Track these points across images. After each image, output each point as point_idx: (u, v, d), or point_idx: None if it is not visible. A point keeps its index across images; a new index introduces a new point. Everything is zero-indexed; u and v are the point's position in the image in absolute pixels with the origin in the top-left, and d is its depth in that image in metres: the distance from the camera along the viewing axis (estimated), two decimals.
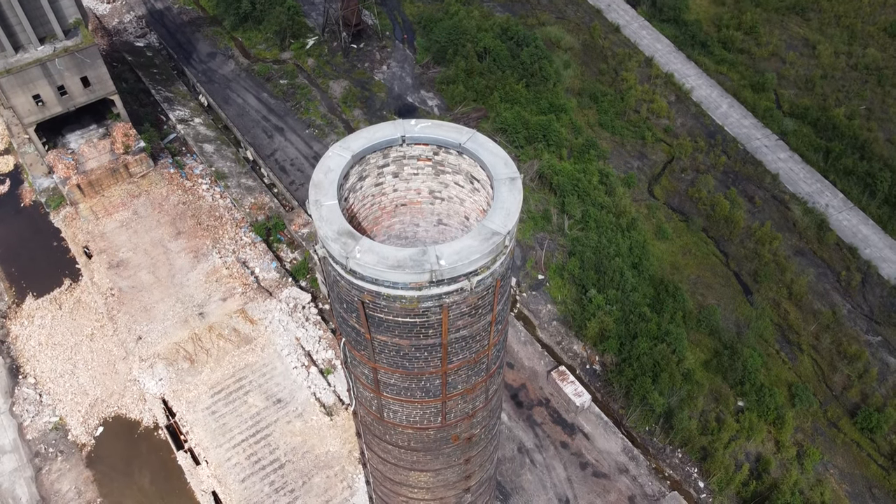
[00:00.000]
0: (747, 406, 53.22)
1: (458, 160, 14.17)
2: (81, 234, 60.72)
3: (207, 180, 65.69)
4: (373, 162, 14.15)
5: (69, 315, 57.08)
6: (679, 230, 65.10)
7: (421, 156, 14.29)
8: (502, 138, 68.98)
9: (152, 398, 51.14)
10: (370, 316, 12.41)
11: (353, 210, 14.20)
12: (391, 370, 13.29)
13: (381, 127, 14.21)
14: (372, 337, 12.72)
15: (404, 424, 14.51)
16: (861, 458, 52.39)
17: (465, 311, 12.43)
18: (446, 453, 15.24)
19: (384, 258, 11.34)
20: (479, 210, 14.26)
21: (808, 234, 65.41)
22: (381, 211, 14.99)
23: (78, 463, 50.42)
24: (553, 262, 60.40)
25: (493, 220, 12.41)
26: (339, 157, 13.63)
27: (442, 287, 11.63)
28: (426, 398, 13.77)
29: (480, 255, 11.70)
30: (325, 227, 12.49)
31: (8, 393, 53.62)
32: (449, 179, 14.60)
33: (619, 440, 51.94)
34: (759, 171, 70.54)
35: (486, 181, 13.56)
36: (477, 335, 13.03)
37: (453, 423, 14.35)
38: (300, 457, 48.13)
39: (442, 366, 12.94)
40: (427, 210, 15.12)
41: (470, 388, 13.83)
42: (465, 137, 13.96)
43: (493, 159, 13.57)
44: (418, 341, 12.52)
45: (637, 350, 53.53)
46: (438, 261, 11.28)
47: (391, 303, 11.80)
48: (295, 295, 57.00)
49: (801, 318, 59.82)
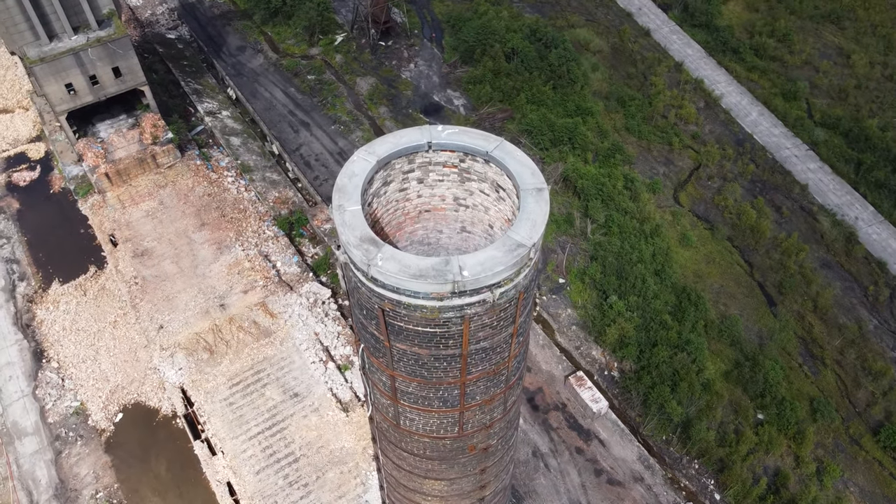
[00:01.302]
0: (767, 419, 52.46)
1: (485, 168, 14.01)
2: (108, 223, 61.54)
3: (233, 173, 66.24)
4: (398, 167, 14.06)
5: (93, 302, 57.90)
6: (703, 238, 64.34)
7: (447, 162, 14.16)
8: (527, 140, 68.69)
9: (171, 387, 51.69)
10: (390, 324, 12.34)
11: (376, 215, 14.13)
12: (409, 379, 13.23)
13: (407, 132, 14.10)
14: (391, 345, 12.66)
15: (420, 433, 14.43)
16: (883, 477, 51.41)
17: (487, 323, 12.30)
18: (462, 463, 15.14)
19: (406, 267, 11.25)
20: (504, 219, 14.12)
21: (835, 246, 64.30)
22: (405, 216, 14.91)
23: (97, 448, 51.14)
24: (574, 267, 60.03)
25: (519, 231, 12.24)
26: (363, 162, 13.53)
27: (464, 298, 11.51)
28: (444, 408, 13.68)
29: (504, 268, 11.55)
30: (347, 233, 12.41)
31: (31, 376, 54.53)
32: (474, 187, 14.45)
33: (635, 448, 51.48)
34: (787, 180, 69.48)
35: (511, 191, 13.38)
36: (498, 347, 12.90)
37: (470, 433, 14.25)
38: (315, 451, 48.35)
39: (461, 376, 12.84)
40: (451, 217, 15.00)
41: (488, 399, 13.72)
42: (492, 145, 13.76)
43: (520, 169, 13.39)
44: (438, 351, 12.43)
45: (656, 358, 53.01)
46: (461, 271, 11.16)
47: (411, 312, 11.71)
48: (315, 290, 57.27)
49: (826, 331, 58.83)
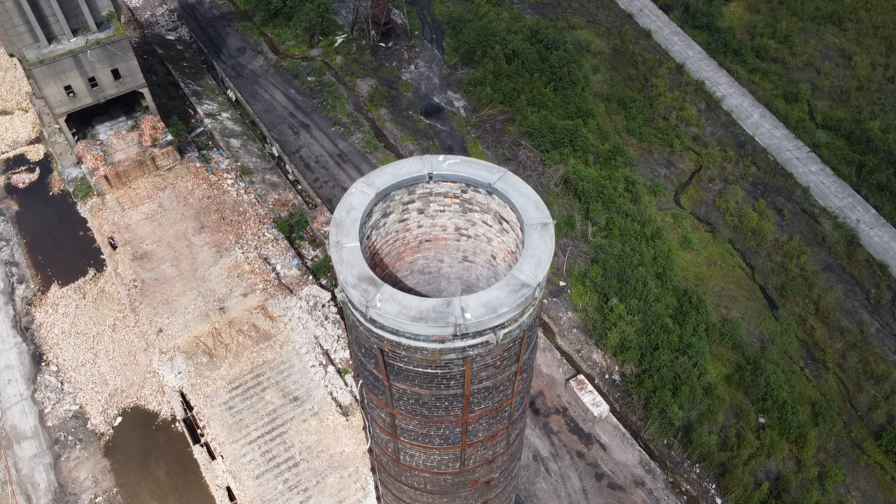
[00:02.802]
0: (769, 423, 52.27)
1: (487, 199, 13.65)
2: (107, 225, 61.34)
3: (233, 175, 66.03)
4: (397, 198, 13.72)
5: (93, 305, 57.69)
6: (705, 241, 64.14)
7: (448, 193, 13.81)
8: (528, 142, 68.50)
9: (171, 391, 51.49)
10: (389, 364, 12.03)
11: (375, 247, 13.80)
12: (409, 417, 12.92)
13: (407, 162, 13.71)
14: (390, 384, 12.36)
15: (421, 468, 14.13)
16: (885, 480, 51.20)
17: (490, 363, 11.96)
18: (464, 496, 14.86)
19: (406, 308, 10.94)
20: (507, 251, 13.77)
21: (837, 249, 64.09)
22: (405, 246, 14.56)
23: (96, 452, 50.93)
24: (575, 269, 59.82)
25: (523, 269, 11.86)
26: (362, 195, 13.21)
27: (466, 340, 11.18)
28: (445, 445, 13.37)
29: (509, 309, 11.21)
30: (345, 272, 12.04)
31: (30, 380, 54.34)
32: (477, 218, 14.11)
33: (637, 452, 51.27)
34: (789, 183, 69.27)
35: (515, 223, 13.02)
36: (501, 385, 12.58)
37: (472, 468, 13.96)
38: (315, 456, 48.15)
39: (463, 415, 12.54)
40: (452, 247, 14.66)
41: (491, 435, 13.42)
42: (495, 177, 13.37)
43: (523, 202, 13.02)
44: (439, 391, 12.12)
45: (658, 361, 52.81)
46: (464, 314, 10.83)
47: (412, 354, 11.40)
48: (315, 293, 57.06)
49: (828, 334, 58.62)
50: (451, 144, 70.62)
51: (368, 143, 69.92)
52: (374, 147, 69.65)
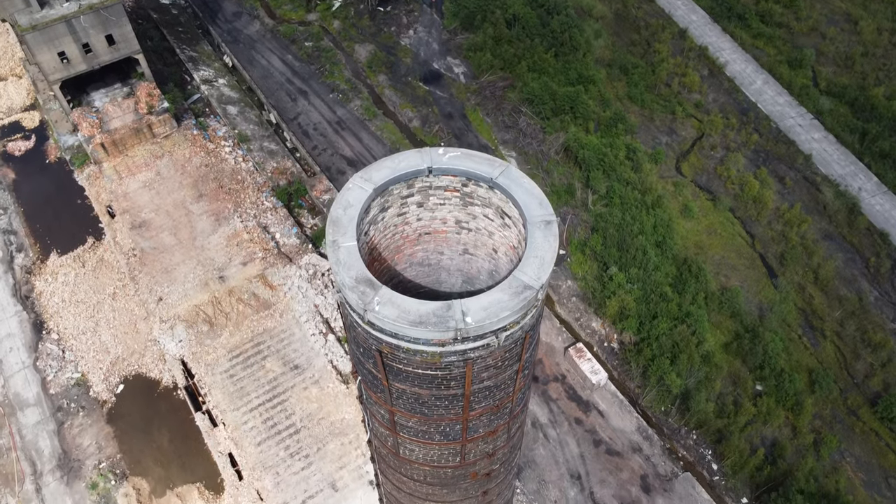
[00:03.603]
0: (766, 391, 52.66)
1: (489, 193, 13.23)
2: (105, 193, 61.01)
3: (230, 143, 65.46)
4: (396, 193, 13.31)
5: (92, 273, 57.68)
6: (705, 209, 63.87)
7: (448, 186, 13.39)
8: (529, 109, 67.77)
9: (172, 359, 51.77)
10: (388, 365, 11.80)
11: (373, 242, 13.47)
12: (409, 415, 12.77)
13: (406, 156, 13.23)
14: (389, 384, 12.18)
15: (421, 462, 14.06)
16: (879, 447, 51.78)
17: (491, 364, 11.71)
18: (463, 488, 14.85)
19: (405, 312, 10.69)
20: (509, 246, 13.42)
21: (838, 217, 63.87)
22: (404, 240, 14.22)
23: (99, 419, 51.40)
24: (575, 238, 59.68)
25: (526, 270, 11.49)
26: (359, 191, 12.85)
27: (467, 343, 10.93)
28: (445, 441, 13.24)
29: (511, 312, 10.94)
30: (342, 273, 11.73)
31: (32, 348, 54.59)
32: (478, 212, 13.71)
33: (634, 419, 51.75)
34: (791, 150, 68.72)
35: (518, 219, 12.61)
36: (502, 384, 12.37)
37: (472, 461, 13.89)
38: (316, 423, 48.61)
39: (463, 413, 12.40)
40: (453, 240, 14.32)
41: (492, 430, 13.28)
42: (497, 171, 12.95)
43: (526, 198, 12.61)
44: (439, 392, 11.92)
45: (657, 330, 53.00)
46: (464, 317, 10.62)
47: (411, 356, 11.17)
48: (315, 262, 57.01)
49: (827, 303, 58.75)
50: (450, 111, 69.90)
51: (367, 110, 69.19)
52: (372, 114, 68.94)
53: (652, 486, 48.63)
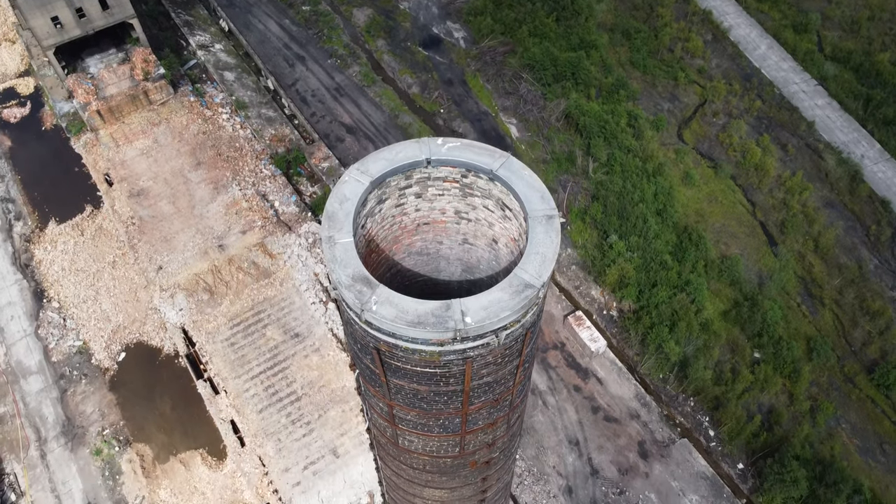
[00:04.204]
0: (764, 358, 52.99)
1: (489, 185, 12.86)
2: (102, 161, 60.55)
3: (228, 110, 64.74)
4: (393, 184, 12.93)
5: (91, 242, 57.56)
6: (707, 177, 63.50)
7: (448, 177, 13.02)
8: (529, 75, 66.91)
9: (172, 327, 51.95)
10: (386, 363, 11.65)
11: (370, 235, 13.17)
12: (408, 409, 12.68)
13: (404, 147, 12.80)
14: (387, 380, 12.05)
15: (420, 452, 14.04)
16: (875, 414, 52.31)
17: (491, 361, 11.55)
18: (463, 475, 14.89)
19: (403, 312, 10.51)
20: (510, 237, 13.12)
21: (840, 185, 63.55)
22: (402, 230, 13.92)
23: (101, 386, 51.79)
24: (575, 206, 59.45)
25: (527, 268, 11.21)
26: (356, 184, 12.47)
27: (466, 343, 10.75)
28: (444, 433, 13.18)
29: (511, 312, 10.73)
30: (338, 271, 11.44)
31: (33, 316, 54.75)
32: (478, 203, 13.37)
33: (633, 386, 52.16)
34: (794, 117, 68.05)
35: (518, 212, 12.27)
36: (502, 379, 12.23)
37: (472, 451, 13.88)
38: (316, 391, 49.00)
39: (462, 408, 12.30)
40: (452, 230, 14.03)
41: (491, 423, 13.21)
42: (497, 163, 12.59)
43: (528, 192, 12.26)
44: (438, 388, 11.79)
45: (656, 298, 53.10)
46: (464, 318, 10.45)
47: (410, 354, 11.02)
48: (314, 230, 56.84)
49: (826, 271, 58.78)
50: (450, 77, 69.02)
51: (366, 76, 68.30)
52: (371, 80, 68.08)
53: (649, 452, 49.24)
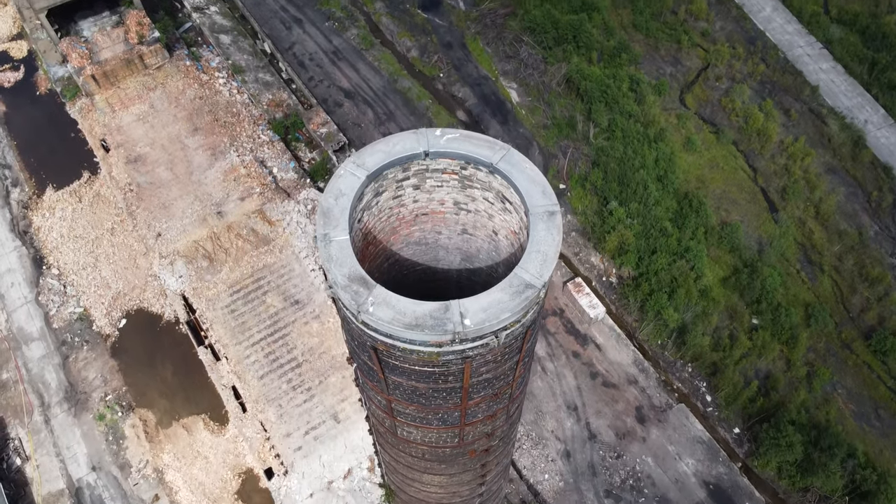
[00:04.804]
0: (762, 325, 53.26)
1: (489, 178, 12.50)
2: (98, 127, 59.95)
3: (224, 74, 63.87)
4: (391, 177, 12.57)
5: (89, 208, 57.33)
6: (708, 142, 62.98)
7: (446, 169, 12.64)
8: (530, 38, 65.86)
9: (173, 294, 52.06)
10: (384, 361, 11.51)
11: (367, 228, 12.87)
12: (406, 403, 12.61)
13: (401, 138, 12.34)
14: (385, 376, 11.94)
15: (419, 442, 14.03)
16: (871, 379, 52.78)
17: (490, 360, 11.41)
18: (462, 462, 14.95)
19: (401, 313, 10.28)
20: (510, 230, 12.84)
21: (842, 151, 63.07)
22: (400, 221, 13.63)
23: (103, 353, 52.13)
24: (575, 172, 59.09)
25: (528, 267, 10.90)
26: (352, 178, 12.08)
27: (465, 344, 10.59)
28: (443, 426, 13.13)
29: (511, 313, 10.49)
30: (334, 271, 11.10)
31: (33, 283, 54.82)
32: (477, 195, 13.04)
33: (631, 352, 52.53)
34: (798, 81, 67.20)
35: (519, 206, 11.94)
36: (502, 375, 12.09)
37: (471, 441, 13.90)
38: (317, 357, 49.31)
39: (462, 403, 12.22)
40: (451, 220, 13.74)
41: (491, 414, 13.16)
42: (497, 156, 12.18)
43: (528, 186, 11.86)
44: (437, 385, 11.67)
45: (655, 265, 53.13)
46: (462, 320, 10.23)
47: (408, 354, 10.87)
48: (313, 196, 56.59)
49: (826, 238, 58.71)
50: (449, 41, 67.96)
51: (364, 39, 67.23)
52: (369, 44, 67.04)
53: (647, 417, 49.82)
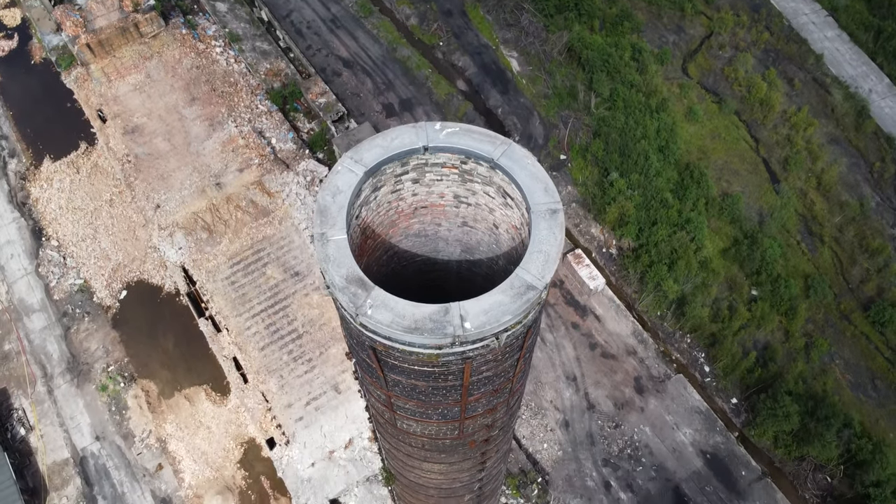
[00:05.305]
0: (761, 296, 53.35)
1: (490, 173, 12.11)
2: (94, 97, 59.33)
3: (221, 43, 63.00)
4: (389, 171, 12.16)
5: (87, 180, 57.04)
6: (711, 112, 62.40)
7: (446, 163, 12.27)
8: (531, 5, 64.84)
9: (172, 266, 52.05)
10: (383, 360, 11.34)
11: (365, 222, 12.54)
12: (406, 399, 12.50)
13: (399, 132, 12.00)
14: (384, 374, 11.79)
15: (419, 434, 13.98)
16: (868, 350, 53.05)
17: (491, 359, 11.23)
18: (462, 452, 14.94)
19: (400, 316, 10.07)
20: (511, 225, 12.53)
21: (845, 121, 62.51)
22: (399, 214, 13.30)
23: (104, 324, 52.32)
24: (576, 143, 58.64)
25: (529, 268, 10.61)
26: (349, 174, 11.68)
27: (465, 346, 10.41)
28: (443, 420, 13.04)
29: (512, 316, 10.27)
30: (331, 272, 10.81)
31: (32, 254, 54.79)
32: (478, 188, 12.69)
33: (630, 323, 52.70)
34: (802, 50, 66.33)
35: (521, 202, 11.62)
36: (503, 372, 11.93)
37: (471, 433, 13.85)
38: (317, 329, 49.49)
39: (462, 399, 12.09)
40: (451, 213, 13.41)
41: (491, 408, 13.07)
42: (498, 151, 11.79)
43: (530, 183, 11.53)
44: (436, 384, 11.51)
45: (656, 237, 53.03)
46: (463, 323, 10.03)
47: (407, 355, 10.71)
48: (312, 167, 56.24)
49: (827, 209, 58.52)
50: (449, 8, 66.90)
51: (362, 6, 66.16)
52: (368, 11, 66.00)
53: (645, 387, 50.18)
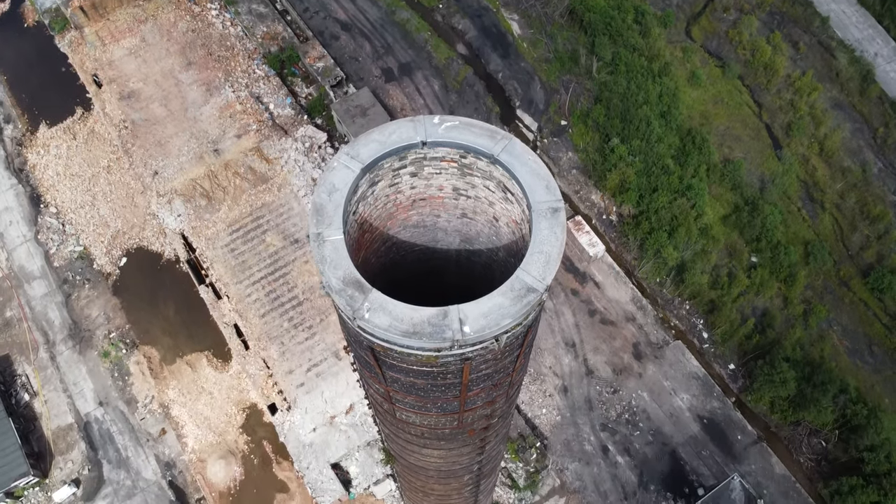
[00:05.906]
0: (760, 262, 53.38)
1: (490, 168, 11.73)
2: (89, 61, 58.46)
3: (217, 5, 61.85)
4: (387, 166, 11.78)
5: (84, 146, 56.62)
6: (714, 77, 61.61)
7: (445, 157, 11.95)
8: None
9: (172, 233, 51.94)
10: (382, 360, 11.20)
11: (363, 217, 12.22)
12: (404, 395, 12.39)
13: (397, 127, 11.60)
14: (383, 371, 11.65)
15: (418, 424, 13.95)
16: (866, 316, 53.28)
17: (490, 359, 11.07)
18: (461, 439, 14.96)
19: (398, 320, 9.86)
20: (512, 219, 12.22)
21: (850, 85, 61.77)
22: (397, 207, 12.96)
23: (105, 291, 52.47)
24: (577, 108, 58.02)
25: (530, 269, 10.30)
26: (346, 171, 11.31)
27: (464, 349, 10.26)
28: (442, 413, 12.97)
29: (512, 319, 10.03)
30: (328, 273, 10.52)
31: (31, 221, 54.69)
32: (478, 182, 12.33)
33: (629, 290, 52.83)
34: (808, 12, 65.20)
35: (521, 198, 11.33)
36: (502, 369, 11.80)
37: (470, 423, 13.81)
38: (317, 296, 49.58)
39: (461, 395, 11.98)
40: (450, 205, 13.07)
41: (490, 401, 12.99)
42: (498, 147, 11.44)
43: (531, 180, 11.15)
44: (435, 382, 11.40)
45: (656, 203, 52.83)
46: (462, 326, 9.83)
47: (406, 356, 10.56)
48: (311, 134, 55.73)
49: (829, 175, 58.20)
50: None
51: None
52: None
53: (643, 354, 50.55)
